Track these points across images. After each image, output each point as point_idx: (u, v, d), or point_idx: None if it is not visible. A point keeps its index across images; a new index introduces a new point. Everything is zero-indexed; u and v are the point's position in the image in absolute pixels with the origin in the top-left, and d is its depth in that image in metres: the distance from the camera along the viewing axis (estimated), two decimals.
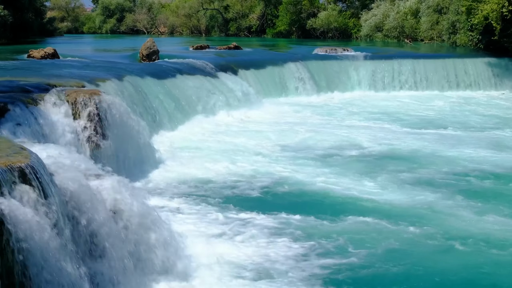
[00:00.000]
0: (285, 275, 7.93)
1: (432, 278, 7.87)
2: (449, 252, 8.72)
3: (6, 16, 38.07)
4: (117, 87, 15.49)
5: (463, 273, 8.02)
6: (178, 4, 73.99)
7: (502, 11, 28.52)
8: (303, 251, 8.66)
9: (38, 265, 5.78)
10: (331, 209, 10.52)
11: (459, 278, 7.90)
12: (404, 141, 16.54)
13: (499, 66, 29.85)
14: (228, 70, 23.28)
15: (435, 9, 43.34)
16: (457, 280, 7.85)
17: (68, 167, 7.22)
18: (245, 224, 9.79)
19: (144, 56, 24.54)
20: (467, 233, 9.32)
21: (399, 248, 8.82)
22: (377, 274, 7.97)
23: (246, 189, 11.84)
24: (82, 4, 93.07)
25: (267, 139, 16.55)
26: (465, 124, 19.93)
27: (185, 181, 12.21)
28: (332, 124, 19.61)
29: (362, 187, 11.95)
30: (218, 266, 8.12)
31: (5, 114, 10.02)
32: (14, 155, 6.56)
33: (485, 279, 7.88)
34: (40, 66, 18.96)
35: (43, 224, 5.98)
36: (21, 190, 5.96)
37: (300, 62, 27.30)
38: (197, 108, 19.36)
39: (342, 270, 8.05)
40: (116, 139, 12.00)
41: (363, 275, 7.93)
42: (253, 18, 64.08)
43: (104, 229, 7.04)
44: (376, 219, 9.97)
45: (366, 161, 14.22)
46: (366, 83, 28.45)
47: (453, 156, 14.80)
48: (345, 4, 57.82)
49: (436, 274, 7.97)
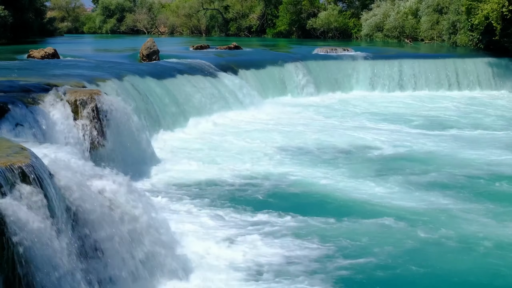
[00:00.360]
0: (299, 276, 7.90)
1: (450, 279, 7.88)
2: (467, 254, 8.65)
3: (6, 16, 38.08)
4: (117, 87, 15.49)
5: (482, 275, 8.00)
6: (178, 4, 73.99)
7: (502, 11, 28.50)
8: (320, 253, 8.60)
9: (38, 264, 5.78)
10: (346, 211, 10.40)
11: (478, 280, 7.90)
12: (417, 143, 16.25)
13: (499, 66, 29.83)
14: (228, 70, 23.27)
15: (435, 9, 43.33)
16: (475, 282, 7.85)
17: (68, 167, 7.22)
18: (248, 226, 9.75)
19: (144, 56, 24.52)
20: (485, 235, 9.21)
21: (417, 249, 8.77)
22: (396, 274, 7.96)
23: (248, 190, 11.76)
24: (82, 4, 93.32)
25: (270, 139, 16.48)
26: (477, 125, 19.68)
27: (185, 181, 12.19)
28: (337, 125, 19.41)
29: (378, 189, 11.78)
30: (224, 266, 8.12)
31: (5, 114, 10.03)
32: (14, 155, 6.56)
33: (504, 281, 7.87)
34: (40, 66, 18.97)
35: (43, 223, 5.98)
36: (21, 190, 5.96)
37: (300, 62, 27.29)
38: (197, 108, 19.34)
39: (362, 271, 8.03)
40: (116, 139, 12.00)
41: (383, 276, 7.93)
42: (253, 18, 64.07)
43: (103, 229, 7.04)
44: (392, 221, 9.87)
45: (380, 163, 13.98)
46: (366, 83, 28.44)
47: (469, 158, 14.53)
48: (345, 4, 57.81)
49: (455, 275, 7.95)
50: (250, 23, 64.17)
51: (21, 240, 5.62)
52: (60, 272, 6.03)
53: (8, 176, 5.91)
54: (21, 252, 5.61)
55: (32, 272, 5.74)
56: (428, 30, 44.16)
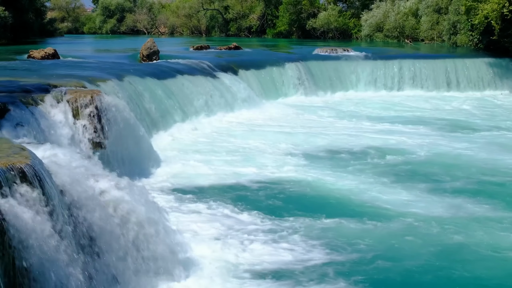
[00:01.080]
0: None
1: (480, 282, 7.84)
2: (499, 262, 8.46)
3: (6, 17, 38.10)
4: (117, 87, 15.48)
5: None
6: (179, 4, 74.01)
7: (503, 11, 28.49)
8: (346, 258, 8.53)
9: (38, 264, 5.77)
10: (371, 215, 10.18)
11: (508, 285, 7.87)
12: (441, 145, 15.93)
13: (499, 66, 29.81)
14: (228, 71, 23.26)
15: (434, 9, 43.33)
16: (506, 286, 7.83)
17: (68, 167, 7.21)
18: (249, 228, 9.69)
19: (144, 56, 24.53)
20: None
21: (445, 254, 8.62)
22: (425, 282, 7.88)
23: (251, 191, 11.69)
24: (82, 5, 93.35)
25: (273, 140, 16.40)
26: (498, 127, 19.31)
27: (186, 182, 12.17)
28: (341, 126, 19.23)
29: (404, 195, 11.45)
30: (225, 269, 8.11)
31: (5, 114, 10.01)
32: (14, 155, 6.55)
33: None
34: (41, 67, 18.96)
35: (43, 224, 5.98)
36: (22, 190, 5.96)
37: (300, 63, 27.27)
38: (197, 108, 19.34)
39: (393, 278, 7.95)
40: (116, 139, 11.99)
41: (413, 282, 7.88)
42: (253, 19, 64.09)
43: (104, 229, 7.04)
44: (420, 226, 9.67)
45: (403, 166, 13.62)
46: (367, 83, 28.43)
47: (500, 162, 14.14)
48: (345, 4, 57.84)
49: (483, 279, 7.89)
50: (250, 23, 64.19)
51: (21, 240, 5.61)
52: (60, 272, 6.03)
53: (8, 176, 5.91)
54: (21, 253, 5.61)
55: (32, 272, 5.73)
56: (428, 30, 44.17)
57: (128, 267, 7.19)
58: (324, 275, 7.94)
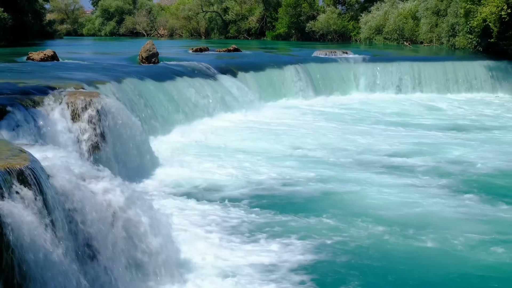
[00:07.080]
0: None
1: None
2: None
3: (5, 19, 38.09)
4: (117, 89, 15.48)
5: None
6: (178, 6, 74.09)
7: (501, 14, 28.55)
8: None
9: (37, 266, 5.77)
10: (394, 222, 9.94)
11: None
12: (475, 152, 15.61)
13: (498, 68, 29.85)
14: (227, 73, 23.28)
15: (433, 11, 43.42)
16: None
17: (67, 170, 7.20)
18: (249, 228, 9.70)
19: (143, 58, 24.51)
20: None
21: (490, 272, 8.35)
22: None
23: (251, 192, 11.68)
24: (81, 7, 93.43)
25: (273, 142, 16.38)
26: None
27: (185, 184, 12.16)
28: (344, 128, 19.19)
29: (450, 203, 11.13)
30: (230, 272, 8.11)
31: (4, 116, 10.02)
32: (13, 157, 6.54)
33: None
34: (40, 68, 18.96)
35: (42, 226, 5.98)
36: (20, 192, 5.95)
37: (299, 65, 27.27)
38: (196, 110, 19.35)
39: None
40: (115, 142, 11.99)
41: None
42: (252, 21, 64.16)
43: (102, 232, 7.03)
44: (464, 238, 9.33)
45: (430, 172, 13.42)
46: (366, 85, 28.44)
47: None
48: (344, 6, 57.93)
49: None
50: (249, 25, 64.27)
51: (20, 242, 5.61)
52: (58, 274, 6.02)
53: (7, 178, 5.91)
54: (19, 254, 5.60)
55: (31, 274, 5.73)
56: (427, 32, 44.23)
57: (127, 269, 7.18)
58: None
